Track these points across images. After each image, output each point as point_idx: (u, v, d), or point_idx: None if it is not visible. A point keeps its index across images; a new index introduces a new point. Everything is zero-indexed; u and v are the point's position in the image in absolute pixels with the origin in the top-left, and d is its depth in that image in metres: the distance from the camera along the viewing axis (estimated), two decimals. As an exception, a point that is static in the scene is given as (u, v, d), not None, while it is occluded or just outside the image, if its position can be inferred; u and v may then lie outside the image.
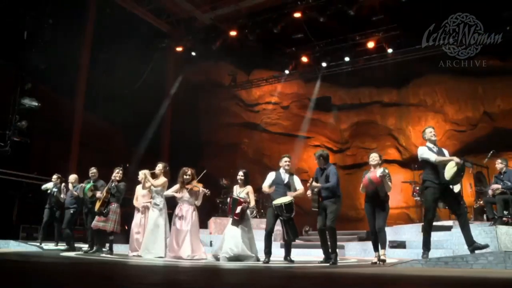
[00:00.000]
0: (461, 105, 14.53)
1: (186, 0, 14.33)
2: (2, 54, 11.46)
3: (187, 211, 7.12)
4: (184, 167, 7.28)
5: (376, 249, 6.22)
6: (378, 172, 5.94)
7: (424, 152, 5.88)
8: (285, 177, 6.69)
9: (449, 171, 5.65)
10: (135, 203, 7.99)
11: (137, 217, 7.87)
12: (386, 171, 5.96)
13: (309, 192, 6.35)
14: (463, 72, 12.97)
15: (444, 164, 5.70)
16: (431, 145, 5.97)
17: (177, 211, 7.20)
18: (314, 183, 6.28)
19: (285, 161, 6.75)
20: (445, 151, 5.99)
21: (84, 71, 13.70)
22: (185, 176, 7.18)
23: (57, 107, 13.18)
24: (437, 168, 5.78)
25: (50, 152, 13.45)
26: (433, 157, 5.78)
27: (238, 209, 6.66)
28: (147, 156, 14.11)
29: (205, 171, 7.42)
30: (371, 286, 3.59)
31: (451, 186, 5.93)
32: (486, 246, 5.61)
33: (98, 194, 7.90)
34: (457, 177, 5.68)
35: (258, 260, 6.63)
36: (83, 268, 4.95)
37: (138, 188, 8.04)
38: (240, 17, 13.92)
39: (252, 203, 6.93)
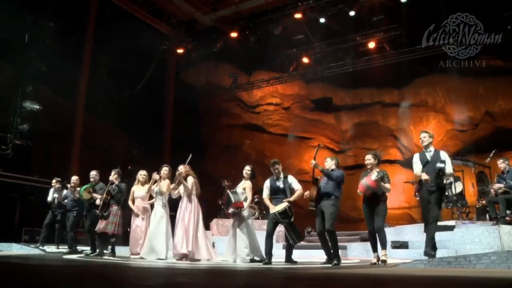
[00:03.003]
0: (462, 105, 14.49)
1: (187, 2, 14.36)
2: (3, 57, 11.49)
3: (184, 202, 7.08)
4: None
5: (374, 249, 6.19)
6: (373, 176, 5.88)
7: (414, 163, 6.07)
8: (280, 183, 6.61)
9: None
10: (131, 205, 7.93)
11: (138, 219, 7.86)
12: (380, 174, 5.88)
13: (307, 193, 6.33)
14: (464, 72, 12.93)
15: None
16: (425, 150, 6.02)
17: None
18: (315, 162, 6.24)
19: (274, 169, 6.65)
20: (443, 154, 5.91)
21: (85, 73, 13.74)
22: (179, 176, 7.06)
23: (58, 110, 13.20)
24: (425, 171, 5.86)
25: (51, 155, 13.46)
26: (414, 171, 6.07)
27: (231, 210, 6.76)
28: (148, 158, 14.11)
29: (190, 155, 7.17)
30: (374, 287, 3.57)
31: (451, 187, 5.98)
32: (433, 256, 5.66)
33: (97, 196, 7.86)
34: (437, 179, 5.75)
35: (262, 259, 6.64)
36: (84, 270, 4.95)
37: (136, 189, 7.98)
38: (241, 19, 13.95)
39: (249, 199, 6.89)
